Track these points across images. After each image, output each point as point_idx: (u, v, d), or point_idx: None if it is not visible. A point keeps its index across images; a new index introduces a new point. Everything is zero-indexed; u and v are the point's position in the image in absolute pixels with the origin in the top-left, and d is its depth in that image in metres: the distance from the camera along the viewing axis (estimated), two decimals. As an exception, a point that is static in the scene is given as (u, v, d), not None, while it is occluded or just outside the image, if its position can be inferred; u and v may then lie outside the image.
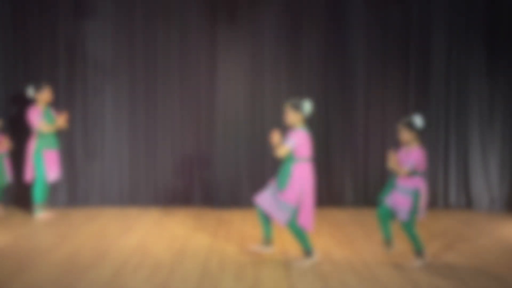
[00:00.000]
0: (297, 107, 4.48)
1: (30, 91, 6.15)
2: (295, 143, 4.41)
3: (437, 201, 7.04)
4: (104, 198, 6.91)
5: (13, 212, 6.50)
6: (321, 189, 7.00)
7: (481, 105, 6.99)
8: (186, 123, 6.94)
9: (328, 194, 7.04)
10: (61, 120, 6.11)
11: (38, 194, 6.11)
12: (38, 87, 6.14)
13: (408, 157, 4.44)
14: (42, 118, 6.08)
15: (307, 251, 4.55)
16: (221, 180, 6.90)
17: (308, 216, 4.51)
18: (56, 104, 6.69)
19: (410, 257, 4.62)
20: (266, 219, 4.72)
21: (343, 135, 7.04)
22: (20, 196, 6.79)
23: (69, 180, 6.87)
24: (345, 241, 5.32)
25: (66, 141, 6.83)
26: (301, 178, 4.45)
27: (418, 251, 4.53)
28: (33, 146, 6.11)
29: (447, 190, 7.05)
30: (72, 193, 6.90)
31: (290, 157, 4.46)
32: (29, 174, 6.18)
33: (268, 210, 4.53)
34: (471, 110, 7.01)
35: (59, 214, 6.41)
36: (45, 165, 6.10)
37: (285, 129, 6.99)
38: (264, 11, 6.89)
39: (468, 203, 7.00)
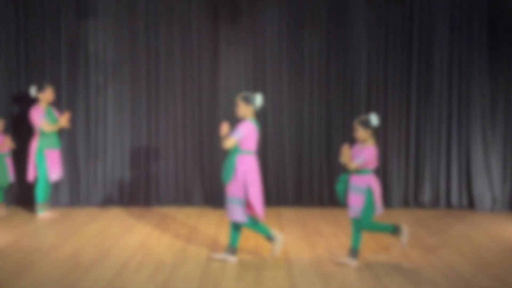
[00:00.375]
0: (248, 100, 4.49)
1: (33, 91, 6.17)
2: (242, 134, 4.40)
3: (439, 201, 7.04)
4: (106, 198, 6.92)
5: (15, 212, 6.52)
6: (323, 189, 7.01)
7: (483, 105, 6.97)
8: (188, 123, 6.95)
9: (330, 194, 7.04)
10: (63, 120, 6.13)
11: (41, 193, 6.12)
12: (40, 87, 6.16)
13: (360, 153, 4.45)
14: (45, 117, 6.10)
15: (269, 237, 4.55)
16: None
17: (258, 205, 4.45)
18: (58, 103, 6.71)
19: (344, 254, 4.62)
20: (236, 228, 4.60)
21: (345, 134, 7.03)
22: (22, 196, 6.81)
23: (71, 179, 6.89)
24: (347, 241, 5.31)
25: (68, 140, 6.85)
26: (245, 170, 4.42)
27: (355, 251, 4.51)
28: (35, 145, 6.13)
29: (449, 190, 7.04)
30: (74, 192, 6.92)
31: (235, 149, 4.45)
32: (31, 173, 6.20)
33: (229, 217, 4.52)
34: (473, 110, 6.99)
35: (61, 213, 6.43)
36: (47, 164, 6.12)
37: (282, 126, 7.02)
38: (266, 10, 6.91)
39: (470, 203, 6.99)
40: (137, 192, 6.94)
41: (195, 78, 6.94)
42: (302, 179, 7.04)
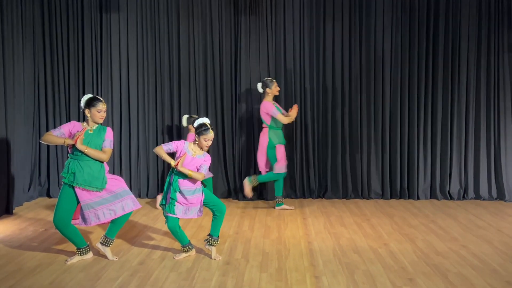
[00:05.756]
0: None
1: (260, 87, 6.18)
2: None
3: (467, 192, 6.87)
4: (133, 191, 6.96)
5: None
6: (347, 181, 6.93)
7: (513, 93, 6.78)
8: (210, 114, 6.93)
9: (354, 186, 6.96)
10: (294, 112, 6.06)
11: (279, 187, 6.19)
12: (267, 83, 6.13)
13: (200, 161, 4.29)
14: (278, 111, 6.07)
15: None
16: (245, 172, 6.90)
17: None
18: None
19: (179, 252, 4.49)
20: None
21: (369, 126, 6.92)
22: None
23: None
24: (372, 231, 5.24)
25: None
26: None
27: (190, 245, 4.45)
28: (266, 140, 6.11)
29: (478, 181, 6.87)
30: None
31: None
32: (263, 167, 6.21)
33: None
34: (502, 99, 6.80)
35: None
36: (278, 159, 6.11)
37: (305, 118, 6.94)
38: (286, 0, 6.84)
39: (500, 195, 6.81)
40: (162, 184, 6.98)
41: (216, 68, 6.92)
42: (326, 171, 6.98)
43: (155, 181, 6.99)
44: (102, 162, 4.24)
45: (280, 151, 6.16)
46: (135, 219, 5.75)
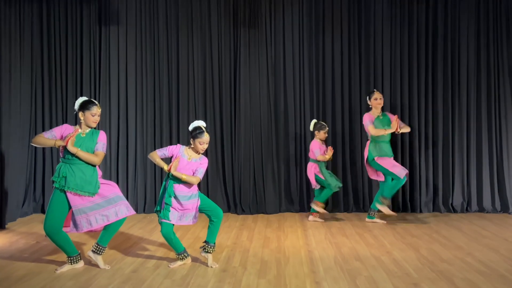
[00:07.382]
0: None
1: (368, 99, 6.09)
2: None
3: (470, 205, 6.72)
4: (130, 204, 6.79)
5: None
6: (349, 194, 6.79)
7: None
8: (209, 127, 6.85)
9: (355, 199, 6.82)
10: (394, 123, 5.86)
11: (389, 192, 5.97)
12: (369, 94, 6.05)
13: (196, 165, 4.22)
14: (372, 123, 5.91)
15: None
16: (244, 186, 6.77)
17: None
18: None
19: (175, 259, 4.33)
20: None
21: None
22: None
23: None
24: (374, 241, 5.08)
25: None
26: None
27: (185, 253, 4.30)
28: (366, 153, 6.00)
29: (481, 194, 6.73)
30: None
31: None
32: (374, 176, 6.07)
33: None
34: (503, 111, 6.73)
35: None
36: (385, 168, 5.91)
37: (304, 130, 6.83)
38: (285, 12, 6.84)
39: (504, 207, 6.65)
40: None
41: (215, 81, 6.88)
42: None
43: (152, 194, 6.85)
44: (94, 166, 4.12)
45: (383, 163, 5.88)
46: (130, 232, 5.60)
